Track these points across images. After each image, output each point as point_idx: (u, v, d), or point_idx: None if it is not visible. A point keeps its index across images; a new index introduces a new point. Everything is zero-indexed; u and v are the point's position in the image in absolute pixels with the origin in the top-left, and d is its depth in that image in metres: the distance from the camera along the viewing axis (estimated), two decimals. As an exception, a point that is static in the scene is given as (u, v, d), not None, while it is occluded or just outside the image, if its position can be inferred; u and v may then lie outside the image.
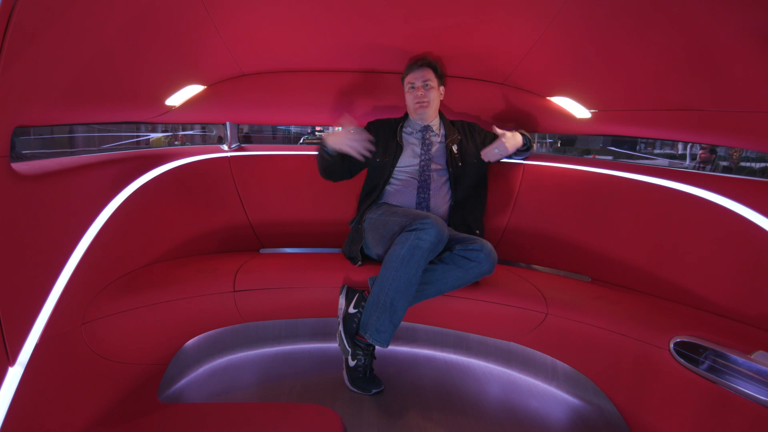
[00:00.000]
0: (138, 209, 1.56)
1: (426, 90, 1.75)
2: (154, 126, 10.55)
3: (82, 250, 1.27)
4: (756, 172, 10.91)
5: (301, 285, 1.57)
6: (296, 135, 15.80)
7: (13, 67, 0.90)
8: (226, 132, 2.12)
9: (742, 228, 1.36)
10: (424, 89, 1.74)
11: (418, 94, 1.74)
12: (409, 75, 1.77)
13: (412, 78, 1.76)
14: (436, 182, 1.74)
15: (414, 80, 1.75)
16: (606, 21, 1.25)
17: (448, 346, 1.86)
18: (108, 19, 1.07)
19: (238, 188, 1.98)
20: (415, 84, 1.75)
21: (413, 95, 1.76)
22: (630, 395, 1.36)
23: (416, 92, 1.75)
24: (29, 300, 1.08)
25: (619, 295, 1.57)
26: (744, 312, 1.34)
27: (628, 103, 1.59)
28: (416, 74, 1.75)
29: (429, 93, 1.75)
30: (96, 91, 1.30)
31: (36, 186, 1.10)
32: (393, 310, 1.39)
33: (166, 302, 1.41)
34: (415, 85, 1.75)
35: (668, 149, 14.32)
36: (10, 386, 0.99)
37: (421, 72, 1.74)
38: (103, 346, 1.29)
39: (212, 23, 1.39)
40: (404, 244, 1.40)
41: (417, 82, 1.75)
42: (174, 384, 1.55)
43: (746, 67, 1.11)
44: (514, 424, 1.40)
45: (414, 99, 1.76)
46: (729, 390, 1.10)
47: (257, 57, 1.78)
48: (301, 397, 1.50)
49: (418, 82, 1.75)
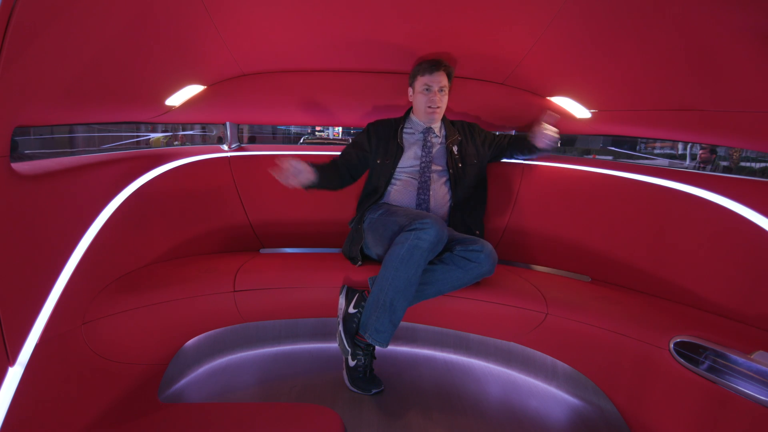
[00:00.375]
0: (138, 209, 1.56)
1: (441, 95, 1.73)
2: (154, 126, 10.56)
3: (82, 250, 1.27)
4: (756, 172, 10.91)
5: (301, 285, 1.57)
6: (296, 135, 15.82)
7: (13, 67, 0.90)
8: (226, 132, 2.12)
9: (742, 228, 1.36)
10: (440, 94, 1.72)
11: (434, 98, 1.71)
12: (427, 77, 1.71)
13: (429, 81, 1.71)
14: (436, 183, 1.73)
15: (432, 84, 1.71)
16: (606, 21, 1.25)
17: (448, 346, 1.86)
18: (108, 19, 1.07)
19: (238, 188, 1.98)
20: (432, 88, 1.71)
21: (428, 98, 1.72)
22: (630, 395, 1.36)
23: (432, 96, 1.71)
24: (29, 300, 1.08)
25: (619, 295, 1.57)
26: (744, 312, 1.34)
27: (628, 103, 1.59)
28: (435, 78, 1.70)
29: (444, 98, 1.74)
30: (96, 91, 1.31)
31: (36, 186, 1.10)
32: (392, 309, 1.39)
33: (166, 302, 1.41)
34: (432, 89, 1.71)
35: (668, 149, 14.33)
36: (10, 386, 0.99)
37: (439, 76, 1.70)
38: (103, 346, 1.29)
39: (212, 23, 1.39)
40: (404, 243, 1.40)
41: (434, 86, 1.71)
42: (174, 384, 1.55)
43: (746, 67, 1.11)
44: (514, 424, 1.40)
45: (428, 103, 1.73)
46: (729, 390, 1.10)
47: (257, 57, 1.78)
48: (301, 397, 1.50)
49: (435, 87, 1.71)
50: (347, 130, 18.15)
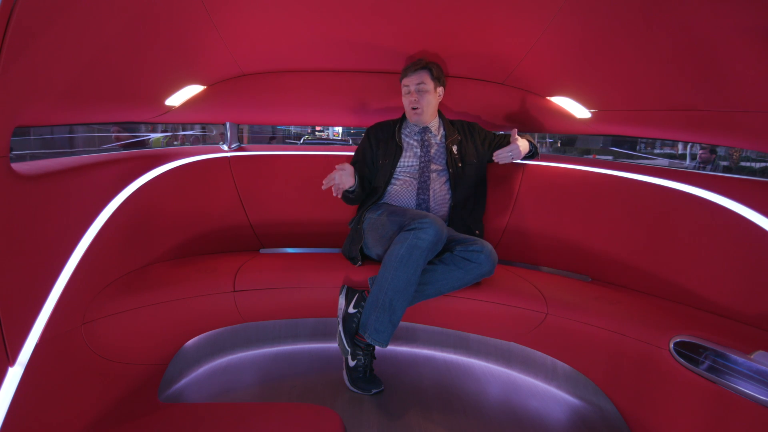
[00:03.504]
0: (138, 209, 1.56)
1: (420, 95, 1.73)
2: (154, 126, 10.55)
3: (83, 249, 1.27)
4: (756, 172, 10.91)
5: (301, 285, 1.57)
6: (296, 135, 15.83)
7: (13, 67, 0.90)
8: (226, 132, 2.12)
9: (742, 228, 1.36)
10: (418, 94, 1.73)
11: (412, 99, 1.74)
12: (405, 78, 1.75)
13: (407, 81, 1.75)
14: (435, 183, 1.73)
15: (409, 84, 1.74)
16: (606, 21, 1.25)
17: (448, 346, 1.86)
18: (108, 19, 1.07)
19: (238, 188, 1.98)
20: (410, 88, 1.74)
21: (408, 100, 1.76)
22: (630, 395, 1.36)
23: (410, 97, 1.74)
24: (29, 300, 1.08)
25: (619, 295, 1.57)
26: (744, 312, 1.34)
27: (628, 103, 1.59)
28: (411, 78, 1.73)
29: (423, 97, 1.73)
30: (96, 91, 1.30)
31: (36, 186, 1.10)
32: (392, 309, 1.39)
33: (166, 302, 1.41)
34: (410, 89, 1.74)
35: (668, 149, 14.33)
36: (10, 386, 0.99)
37: (415, 75, 1.72)
38: (103, 346, 1.29)
39: (212, 23, 1.39)
40: (403, 243, 1.40)
41: (411, 86, 1.73)
42: (174, 384, 1.55)
43: (746, 67, 1.11)
44: (514, 424, 1.40)
45: (409, 104, 1.76)
46: (729, 390, 1.09)
47: (257, 57, 1.78)
48: (301, 397, 1.50)
49: (412, 86, 1.73)
50: (347, 130, 18.15)
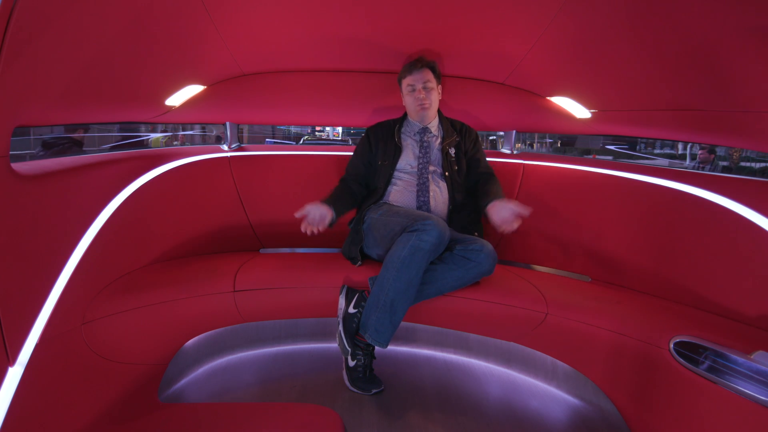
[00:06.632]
0: (138, 209, 1.56)
1: (427, 92, 1.73)
2: (154, 126, 10.55)
3: (82, 250, 1.27)
4: (756, 172, 10.91)
5: (301, 285, 1.57)
6: (296, 135, 15.83)
7: (13, 67, 0.90)
8: (226, 132, 2.12)
9: (742, 228, 1.36)
10: (425, 91, 1.73)
11: (419, 96, 1.73)
12: (408, 77, 1.75)
13: (411, 80, 1.74)
14: (434, 184, 1.73)
15: (414, 82, 1.74)
16: (606, 21, 1.25)
17: (448, 346, 1.86)
18: (108, 20, 1.07)
19: (238, 188, 1.98)
20: (416, 86, 1.73)
21: (414, 97, 1.75)
22: (630, 395, 1.36)
23: (417, 94, 1.73)
24: (29, 300, 1.08)
25: (619, 295, 1.57)
26: (744, 312, 1.34)
27: (629, 103, 1.59)
28: (416, 76, 1.73)
29: (430, 94, 1.74)
30: (96, 91, 1.30)
31: (36, 186, 1.10)
32: (393, 310, 1.39)
33: (166, 302, 1.41)
34: (416, 87, 1.73)
35: (668, 149, 14.34)
36: (10, 386, 0.99)
37: (420, 74, 1.72)
38: (103, 346, 1.29)
39: (212, 23, 1.39)
40: (405, 244, 1.40)
41: (417, 84, 1.73)
42: (174, 384, 1.55)
43: (746, 67, 1.11)
44: (514, 424, 1.40)
45: (415, 101, 1.74)
46: (729, 390, 1.09)
47: (257, 57, 1.78)
48: (301, 397, 1.50)
49: (418, 84, 1.73)
50: (347, 130, 18.16)
